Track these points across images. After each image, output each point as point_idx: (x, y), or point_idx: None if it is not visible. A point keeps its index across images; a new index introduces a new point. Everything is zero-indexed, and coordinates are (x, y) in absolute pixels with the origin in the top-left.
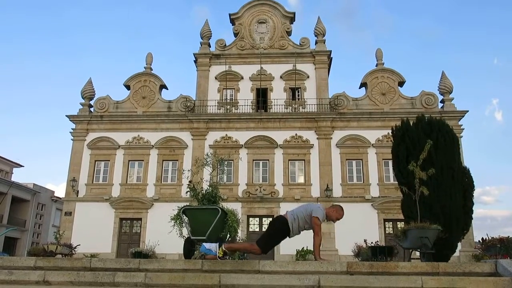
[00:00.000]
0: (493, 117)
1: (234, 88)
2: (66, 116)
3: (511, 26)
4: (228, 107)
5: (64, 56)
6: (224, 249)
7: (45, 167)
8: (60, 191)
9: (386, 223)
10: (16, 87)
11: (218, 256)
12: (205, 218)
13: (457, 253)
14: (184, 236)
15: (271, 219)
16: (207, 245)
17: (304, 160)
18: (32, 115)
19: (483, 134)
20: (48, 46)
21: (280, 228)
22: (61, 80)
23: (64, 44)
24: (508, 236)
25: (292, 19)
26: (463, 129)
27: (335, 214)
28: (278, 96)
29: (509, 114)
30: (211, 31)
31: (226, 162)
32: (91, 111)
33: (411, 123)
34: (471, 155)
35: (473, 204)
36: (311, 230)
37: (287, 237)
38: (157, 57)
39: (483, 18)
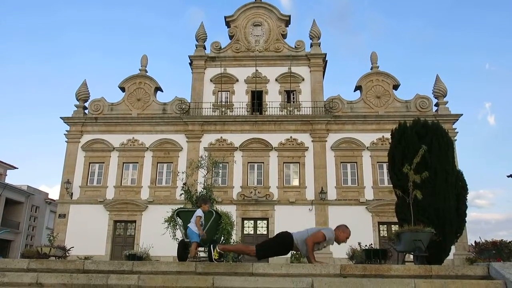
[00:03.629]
0: (486, 120)
1: (229, 91)
2: (60, 118)
3: (502, 31)
4: (223, 109)
5: (58, 57)
6: (219, 250)
7: (39, 169)
8: (54, 193)
9: (380, 226)
10: (10, 88)
11: (214, 259)
12: None
13: (451, 256)
14: (177, 238)
15: (265, 221)
16: (192, 228)
17: (299, 162)
18: (26, 117)
19: (476, 138)
20: (42, 48)
21: (282, 242)
22: (55, 81)
23: (58, 45)
24: (502, 240)
25: (287, 22)
26: (457, 132)
27: (342, 234)
28: (273, 99)
29: (501, 118)
30: (206, 34)
31: (220, 165)
32: (85, 113)
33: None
34: (465, 159)
35: (466, 207)
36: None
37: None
38: (152, 59)
39: (475, 22)
